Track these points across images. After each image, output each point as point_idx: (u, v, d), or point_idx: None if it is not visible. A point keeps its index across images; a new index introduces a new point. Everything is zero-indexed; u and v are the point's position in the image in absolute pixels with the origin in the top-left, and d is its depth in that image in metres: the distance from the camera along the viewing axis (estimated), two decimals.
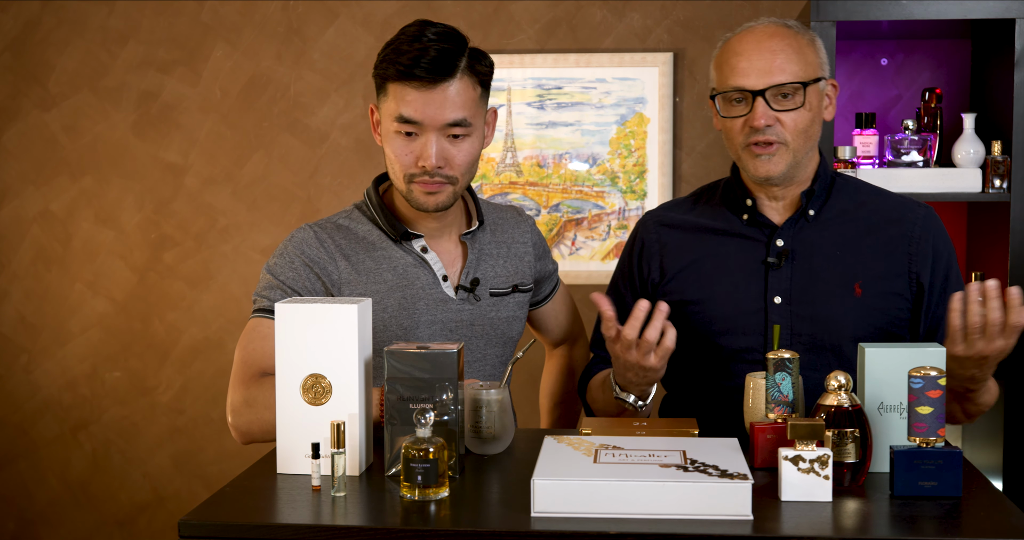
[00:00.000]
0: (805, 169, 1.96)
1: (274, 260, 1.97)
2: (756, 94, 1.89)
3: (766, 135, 1.90)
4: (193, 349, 3.49)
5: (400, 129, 1.89)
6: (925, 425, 1.51)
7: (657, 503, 1.41)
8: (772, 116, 1.89)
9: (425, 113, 1.87)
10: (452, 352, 1.60)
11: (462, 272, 2.02)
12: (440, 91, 1.87)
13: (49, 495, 3.56)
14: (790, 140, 1.90)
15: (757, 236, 1.97)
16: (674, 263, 2.02)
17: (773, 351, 1.63)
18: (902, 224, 1.96)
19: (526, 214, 2.19)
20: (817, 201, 1.97)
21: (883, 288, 1.92)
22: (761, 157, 1.91)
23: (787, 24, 1.94)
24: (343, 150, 3.41)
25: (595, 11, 3.32)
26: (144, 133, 3.47)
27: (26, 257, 3.51)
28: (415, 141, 1.90)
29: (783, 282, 1.93)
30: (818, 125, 1.94)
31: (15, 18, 3.46)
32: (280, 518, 1.46)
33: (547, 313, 2.25)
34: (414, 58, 1.85)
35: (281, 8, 3.40)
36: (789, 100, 1.89)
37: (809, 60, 1.91)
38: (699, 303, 1.97)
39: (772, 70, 1.89)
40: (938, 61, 3.23)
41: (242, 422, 1.85)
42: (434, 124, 1.88)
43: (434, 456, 1.48)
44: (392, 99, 1.89)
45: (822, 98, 1.95)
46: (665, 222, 2.07)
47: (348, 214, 2.04)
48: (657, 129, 3.31)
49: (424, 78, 1.85)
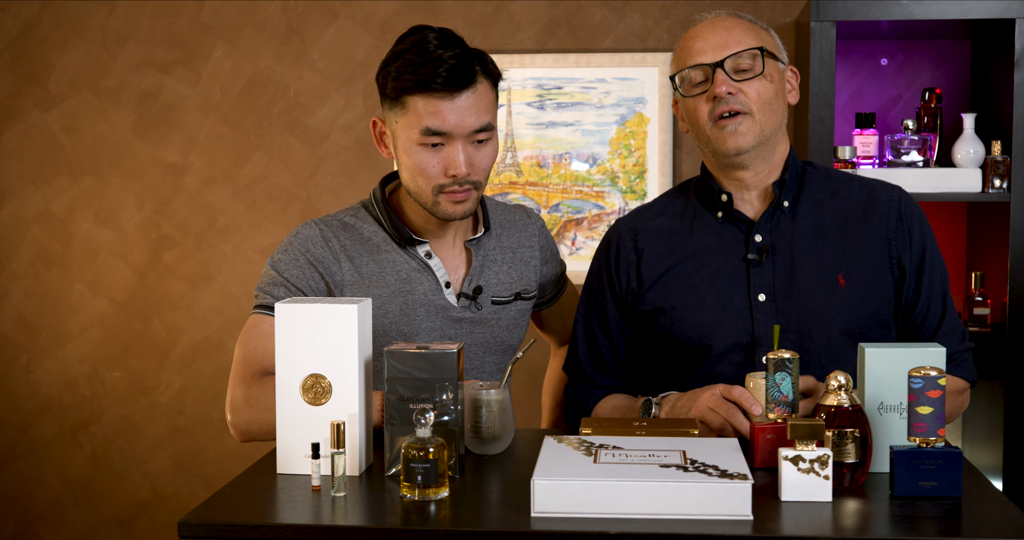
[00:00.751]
0: (775, 151, 1.94)
1: (278, 255, 1.96)
2: (715, 67, 1.89)
3: (729, 104, 1.88)
4: (193, 349, 3.49)
5: (426, 141, 1.86)
6: (925, 425, 1.51)
7: (657, 503, 1.41)
8: (734, 85, 1.89)
9: (453, 123, 1.85)
10: (452, 352, 1.60)
11: (465, 279, 2.01)
12: (464, 99, 1.85)
13: (49, 495, 3.56)
14: (755, 110, 1.89)
15: (734, 233, 1.95)
16: (652, 270, 1.98)
17: (773, 351, 1.63)
18: (878, 208, 1.94)
19: (536, 215, 2.16)
20: (790, 192, 1.95)
21: (867, 277, 1.90)
22: (727, 128, 1.89)
23: (742, 16, 1.96)
24: (343, 150, 3.41)
25: (595, 11, 3.32)
26: (144, 133, 3.47)
27: (26, 257, 3.51)
28: (440, 152, 1.87)
29: (765, 279, 1.91)
30: (782, 102, 1.93)
31: (15, 18, 3.46)
32: (280, 518, 1.46)
33: (554, 313, 2.24)
34: (434, 69, 1.82)
35: (281, 8, 3.40)
36: (749, 71, 1.89)
37: (764, 39, 1.93)
38: (682, 308, 1.93)
39: (728, 43, 1.90)
40: (938, 61, 3.23)
41: (242, 421, 1.85)
42: (462, 132, 1.86)
43: (434, 456, 1.48)
44: (413, 112, 1.86)
45: (783, 77, 1.94)
46: (638, 228, 2.03)
47: (355, 213, 2.02)
48: (657, 129, 3.31)
49: (451, 88, 1.83)
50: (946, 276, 1.96)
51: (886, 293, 1.91)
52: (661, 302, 1.96)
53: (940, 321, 1.93)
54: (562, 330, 2.28)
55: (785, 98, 1.95)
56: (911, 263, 1.92)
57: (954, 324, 1.94)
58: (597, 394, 2.04)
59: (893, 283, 1.92)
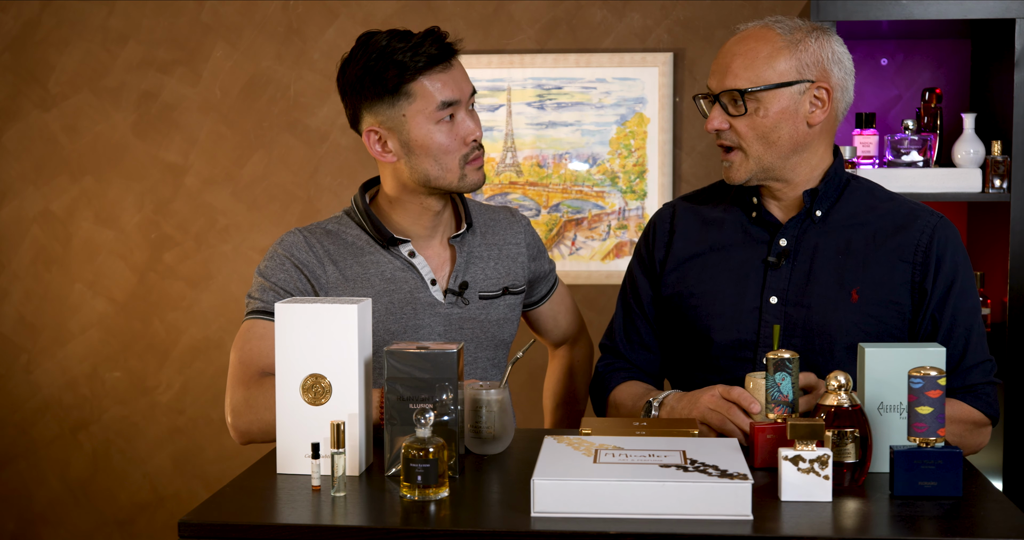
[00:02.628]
0: (800, 168, 1.93)
1: (264, 263, 1.99)
2: (715, 98, 1.91)
3: (721, 138, 1.92)
4: (193, 349, 3.49)
5: (441, 116, 1.93)
6: (925, 425, 1.51)
7: (657, 503, 1.41)
8: (724, 120, 1.90)
9: (460, 89, 1.94)
10: (452, 352, 1.60)
11: (451, 275, 2.02)
12: (458, 66, 1.96)
13: (49, 495, 3.56)
14: (746, 146, 1.89)
15: (761, 235, 1.97)
16: (679, 251, 2.02)
17: (773, 351, 1.63)
18: (910, 231, 1.91)
19: (520, 214, 2.19)
20: (826, 201, 1.95)
21: (882, 296, 1.89)
22: (724, 162, 1.94)
23: (776, 24, 1.91)
24: (343, 150, 3.41)
25: (595, 11, 3.32)
26: (144, 133, 3.47)
27: (26, 257, 3.51)
28: (454, 124, 1.95)
29: (781, 282, 1.92)
30: (788, 129, 1.89)
31: (15, 18, 3.46)
32: (280, 518, 1.46)
33: (545, 313, 2.25)
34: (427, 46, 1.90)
35: (281, 8, 3.40)
36: (738, 106, 1.89)
37: (777, 65, 1.88)
38: (697, 296, 1.97)
39: (727, 74, 1.89)
40: (938, 61, 3.23)
41: (242, 423, 1.85)
42: (465, 96, 1.96)
43: (434, 456, 1.48)
44: (422, 95, 1.91)
45: (797, 102, 1.89)
46: (679, 209, 2.08)
47: (338, 220, 2.05)
48: (657, 129, 3.31)
49: (447, 59, 1.93)
50: (976, 311, 1.91)
51: (900, 315, 1.89)
52: (679, 286, 2.00)
53: (962, 354, 1.88)
54: (555, 330, 2.28)
55: (797, 122, 1.90)
56: (934, 292, 1.88)
57: (979, 359, 1.89)
58: (620, 377, 2.07)
59: (910, 307, 1.90)
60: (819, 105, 1.91)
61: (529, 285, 2.16)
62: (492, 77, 3.33)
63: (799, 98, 1.89)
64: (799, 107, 1.90)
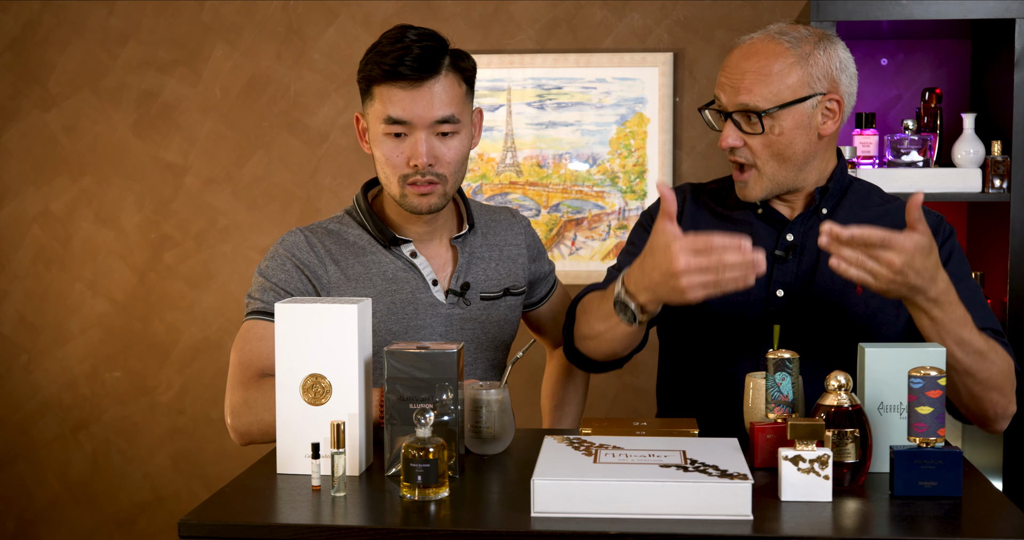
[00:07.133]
0: (810, 173, 1.93)
1: (265, 263, 1.98)
2: (727, 115, 1.90)
3: (735, 156, 1.91)
4: (193, 349, 3.50)
5: (389, 131, 1.89)
6: (925, 425, 1.51)
7: (657, 503, 1.41)
8: (739, 137, 1.89)
9: (413, 112, 1.87)
10: (452, 352, 1.60)
11: (452, 276, 2.02)
12: (427, 89, 1.86)
13: (49, 495, 3.56)
14: (760, 164, 1.89)
15: (768, 230, 1.98)
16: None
17: (773, 351, 1.63)
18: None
19: (521, 215, 2.19)
20: (831, 200, 1.97)
21: None
22: (738, 181, 1.93)
23: (782, 37, 1.88)
24: (343, 150, 3.41)
25: (595, 11, 3.32)
26: (144, 133, 3.47)
27: (26, 257, 3.52)
28: (404, 142, 1.89)
29: (787, 276, 1.94)
30: (801, 144, 1.88)
31: (15, 18, 3.46)
32: (280, 518, 1.46)
33: (545, 314, 2.25)
34: (398, 57, 1.85)
35: (281, 8, 3.40)
36: (753, 124, 1.87)
37: (789, 81, 1.86)
38: None
39: (740, 91, 1.87)
40: (938, 61, 3.23)
41: (241, 423, 1.85)
42: (423, 122, 1.87)
43: (434, 456, 1.48)
44: (379, 101, 1.89)
45: (810, 116, 1.88)
46: (698, 195, 2.07)
47: (339, 219, 2.04)
48: (657, 129, 3.31)
49: (410, 76, 1.85)
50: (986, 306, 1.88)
51: (900, 314, 1.91)
52: None
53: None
54: (555, 331, 2.28)
55: (810, 135, 1.89)
56: None
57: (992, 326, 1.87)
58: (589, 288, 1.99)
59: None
60: (831, 116, 1.90)
61: (529, 286, 2.16)
62: (492, 77, 3.33)
63: (812, 112, 1.88)
64: (812, 120, 1.89)
